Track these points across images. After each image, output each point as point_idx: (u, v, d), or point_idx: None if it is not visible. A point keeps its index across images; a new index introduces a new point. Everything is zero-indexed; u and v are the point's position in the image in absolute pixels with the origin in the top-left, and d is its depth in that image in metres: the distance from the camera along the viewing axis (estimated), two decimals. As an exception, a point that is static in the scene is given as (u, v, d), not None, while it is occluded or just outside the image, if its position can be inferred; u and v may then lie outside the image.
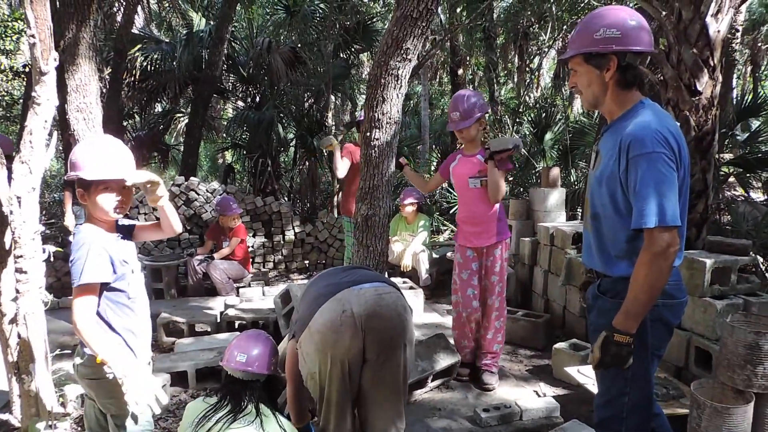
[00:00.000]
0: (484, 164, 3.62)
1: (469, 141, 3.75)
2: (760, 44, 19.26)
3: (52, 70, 2.56)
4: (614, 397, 2.09)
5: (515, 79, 14.69)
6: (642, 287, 1.87)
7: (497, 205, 3.70)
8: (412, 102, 18.61)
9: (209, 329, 4.79)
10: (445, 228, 9.16)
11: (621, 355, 1.91)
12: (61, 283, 6.48)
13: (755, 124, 10.50)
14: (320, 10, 9.59)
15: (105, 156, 2.09)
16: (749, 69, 21.44)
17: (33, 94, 2.59)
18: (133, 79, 9.63)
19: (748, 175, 7.11)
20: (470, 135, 3.70)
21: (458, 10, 10.93)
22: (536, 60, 14.15)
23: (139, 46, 9.33)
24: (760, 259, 5.13)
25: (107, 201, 2.11)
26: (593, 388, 3.30)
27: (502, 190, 3.59)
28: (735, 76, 14.81)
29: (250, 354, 2.44)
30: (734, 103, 8.37)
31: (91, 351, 2.05)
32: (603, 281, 2.13)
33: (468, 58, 12.60)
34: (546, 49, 12.83)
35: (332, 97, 10.05)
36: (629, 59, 1.99)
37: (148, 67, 9.56)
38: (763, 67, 20.98)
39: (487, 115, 3.71)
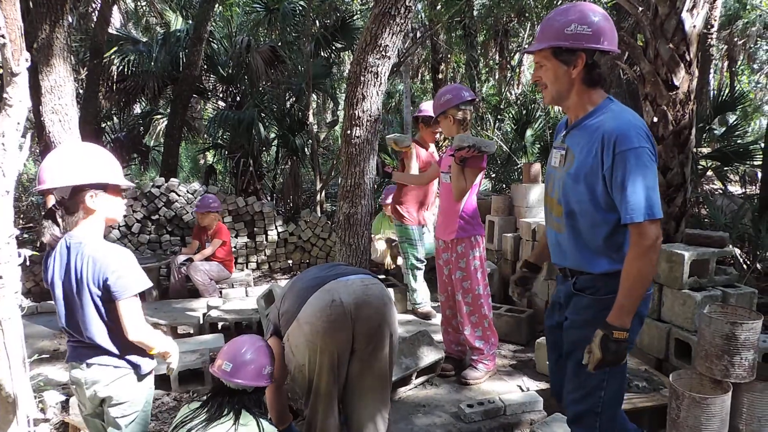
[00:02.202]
0: None
1: (447, 135, 3.79)
2: (736, 39, 19.56)
3: (23, 71, 2.51)
4: (590, 392, 2.09)
5: (496, 76, 14.74)
6: (636, 281, 1.90)
7: (464, 202, 3.68)
8: (394, 100, 18.60)
9: (192, 331, 4.75)
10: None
11: (620, 352, 1.91)
12: (39, 288, 6.38)
13: (732, 118, 10.68)
14: (300, 8, 9.54)
15: (116, 162, 2.23)
16: (725, 64, 21.76)
17: (4, 95, 2.53)
18: (110, 80, 9.50)
19: (725, 168, 7.22)
20: (444, 129, 3.76)
21: (438, 6, 10.94)
22: (516, 57, 14.22)
23: (115, 48, 9.20)
24: (737, 251, 5.22)
25: (122, 204, 2.25)
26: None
27: (461, 187, 3.58)
28: (712, 71, 15.01)
29: (236, 363, 2.30)
30: (711, 97, 8.49)
31: (151, 349, 2.18)
32: (579, 279, 2.13)
33: (449, 55, 12.62)
34: (526, 46, 12.91)
35: (313, 96, 10.00)
36: (596, 58, 2.01)
37: (126, 68, 9.44)
38: (739, 62, 21.31)
39: (459, 111, 3.64)
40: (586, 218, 2.05)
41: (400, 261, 6.19)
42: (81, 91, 8.84)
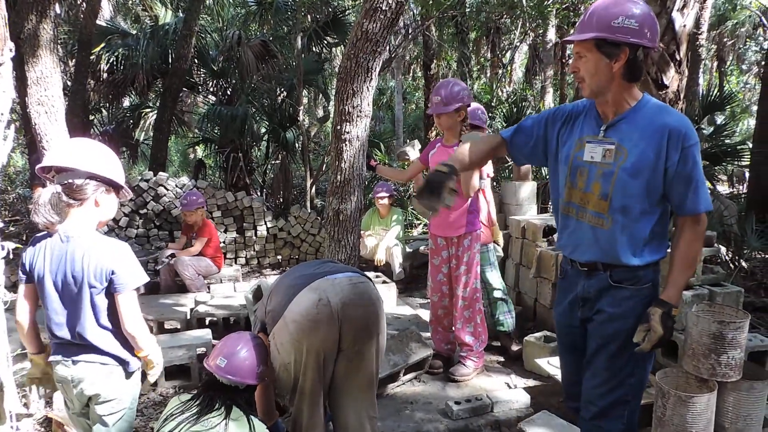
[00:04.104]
0: None
1: (446, 129, 3.68)
2: (725, 40, 19.69)
3: (7, 61, 2.48)
4: (622, 381, 2.12)
5: (488, 74, 14.75)
6: (693, 262, 2.09)
7: (470, 198, 3.69)
8: (385, 96, 18.60)
9: (179, 326, 4.72)
10: (419, 222, 9.17)
11: (673, 328, 2.01)
12: (25, 281, 6.31)
13: (720, 118, 10.76)
14: (292, 2, 9.48)
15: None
16: (715, 64, 21.92)
17: (-12, 85, 2.50)
18: (99, 72, 9.41)
19: (714, 168, 7.27)
20: (447, 123, 3.63)
21: (430, 2, 10.92)
22: (508, 54, 14.24)
23: (102, 44, 9.11)
24: (724, 250, 5.25)
25: (115, 209, 2.24)
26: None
27: (474, 184, 3.58)
28: (701, 71, 15.10)
29: (231, 359, 2.32)
30: (700, 97, 8.54)
31: (141, 347, 2.17)
32: (615, 271, 2.11)
33: (441, 52, 12.61)
34: (518, 44, 12.93)
35: (304, 92, 9.95)
36: (639, 53, 1.97)
37: (115, 61, 9.35)
38: (728, 63, 21.46)
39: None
40: (636, 211, 2.05)
41: (386, 257, 6.19)
42: (69, 83, 8.74)
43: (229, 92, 10.00)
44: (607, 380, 2.14)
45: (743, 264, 5.35)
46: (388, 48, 3.72)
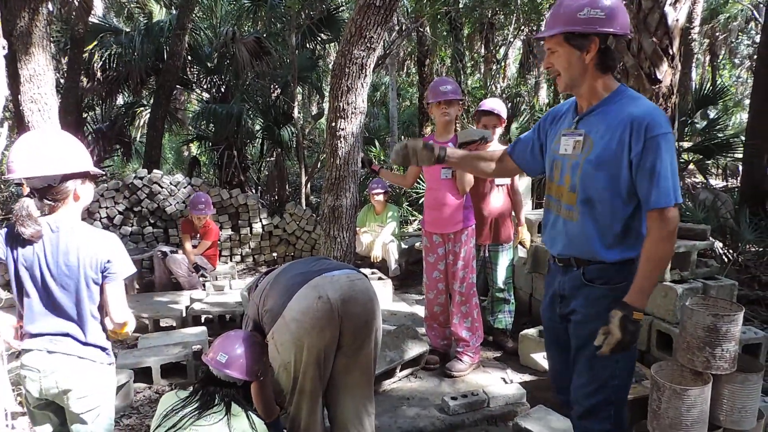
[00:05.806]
0: None
1: (449, 121, 3.69)
2: (717, 34, 19.74)
3: (0, 58, 2.47)
4: (605, 382, 2.09)
5: (482, 70, 14.74)
6: (659, 263, 1.94)
7: (465, 194, 3.71)
8: (380, 93, 18.55)
9: (174, 324, 4.71)
10: (414, 218, 9.17)
11: (636, 333, 1.92)
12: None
13: (713, 112, 10.79)
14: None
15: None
16: (707, 58, 21.97)
17: (-20, 84, 2.49)
18: (92, 70, 9.35)
19: (707, 162, 7.31)
20: (456, 111, 3.70)
21: (424, 0, 10.91)
22: (502, 50, 14.22)
23: (95, 42, 9.05)
24: (718, 244, 5.28)
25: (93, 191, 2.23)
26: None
27: (470, 181, 3.61)
28: (693, 65, 15.14)
29: (231, 355, 2.35)
30: (693, 91, 8.56)
31: (127, 329, 2.21)
32: (588, 269, 2.09)
33: (435, 48, 12.58)
34: (511, 39, 12.93)
35: (298, 88, 9.92)
36: (610, 42, 1.96)
37: (108, 58, 9.30)
38: (720, 57, 21.52)
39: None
40: (605, 206, 2.01)
41: (382, 253, 6.19)
42: (62, 81, 8.69)
43: (223, 89, 9.96)
44: (590, 381, 2.12)
45: (738, 257, 5.38)
46: (382, 44, 3.72)
